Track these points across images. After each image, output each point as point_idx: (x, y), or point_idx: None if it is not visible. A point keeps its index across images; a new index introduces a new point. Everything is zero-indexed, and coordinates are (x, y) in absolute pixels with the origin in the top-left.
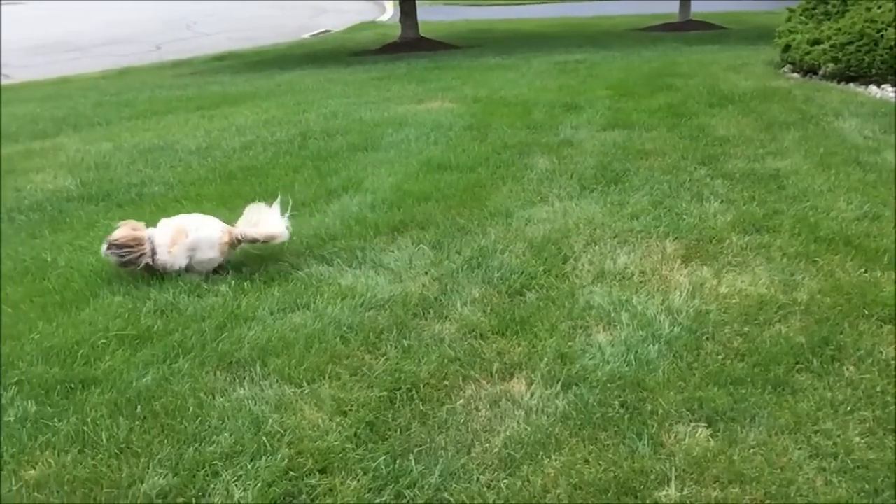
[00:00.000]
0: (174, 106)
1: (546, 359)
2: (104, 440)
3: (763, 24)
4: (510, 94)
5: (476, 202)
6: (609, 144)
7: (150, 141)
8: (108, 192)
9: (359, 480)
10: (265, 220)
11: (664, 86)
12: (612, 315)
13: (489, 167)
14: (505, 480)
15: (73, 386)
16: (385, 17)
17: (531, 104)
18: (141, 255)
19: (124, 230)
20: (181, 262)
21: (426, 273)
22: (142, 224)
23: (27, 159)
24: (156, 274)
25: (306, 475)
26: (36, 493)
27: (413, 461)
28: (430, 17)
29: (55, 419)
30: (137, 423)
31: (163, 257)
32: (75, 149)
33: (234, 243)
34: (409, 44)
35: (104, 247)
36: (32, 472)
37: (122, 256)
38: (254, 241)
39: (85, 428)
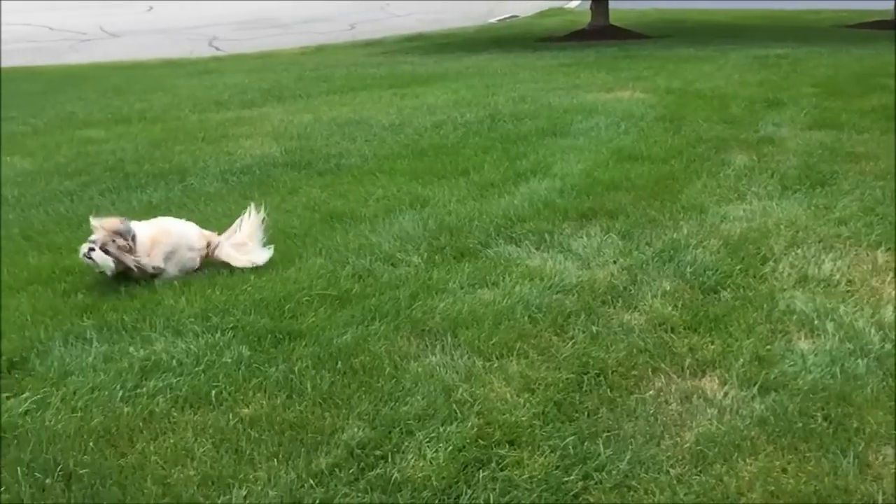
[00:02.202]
0: (368, 83)
1: (742, 360)
2: (309, 389)
3: None
4: (705, 87)
5: (668, 195)
6: (814, 144)
7: (347, 115)
8: (309, 161)
9: (546, 457)
10: (249, 248)
11: (878, 86)
12: (816, 323)
13: (683, 160)
14: (696, 477)
15: (280, 336)
16: (572, 4)
17: (728, 98)
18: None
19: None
20: (158, 263)
21: (615, 262)
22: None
23: (237, 126)
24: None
25: (495, 445)
26: (250, 430)
27: (601, 445)
28: (620, 5)
29: (266, 365)
30: (338, 377)
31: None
32: (279, 119)
33: (210, 253)
34: (598, 31)
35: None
36: (246, 410)
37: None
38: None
39: (292, 376)
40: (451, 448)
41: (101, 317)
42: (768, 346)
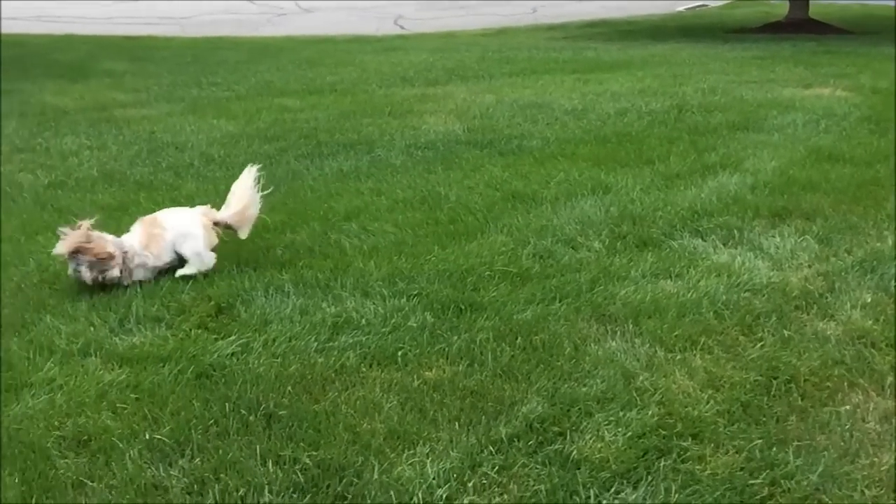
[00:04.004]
0: (550, 67)
1: None
2: (489, 361)
3: None
4: None
5: (872, 201)
6: None
7: (529, 98)
8: (490, 141)
9: (730, 456)
10: (236, 199)
11: None
12: None
13: (890, 165)
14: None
15: (462, 307)
16: None
17: None
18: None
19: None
20: (166, 259)
21: (810, 266)
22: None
23: (422, 102)
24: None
25: (677, 437)
26: (433, 393)
27: (791, 454)
28: None
29: (448, 332)
30: (518, 351)
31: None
32: (462, 98)
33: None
34: (795, 25)
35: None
36: (429, 373)
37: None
38: (227, 226)
39: (473, 346)
40: (630, 434)
41: (297, 272)
42: None
